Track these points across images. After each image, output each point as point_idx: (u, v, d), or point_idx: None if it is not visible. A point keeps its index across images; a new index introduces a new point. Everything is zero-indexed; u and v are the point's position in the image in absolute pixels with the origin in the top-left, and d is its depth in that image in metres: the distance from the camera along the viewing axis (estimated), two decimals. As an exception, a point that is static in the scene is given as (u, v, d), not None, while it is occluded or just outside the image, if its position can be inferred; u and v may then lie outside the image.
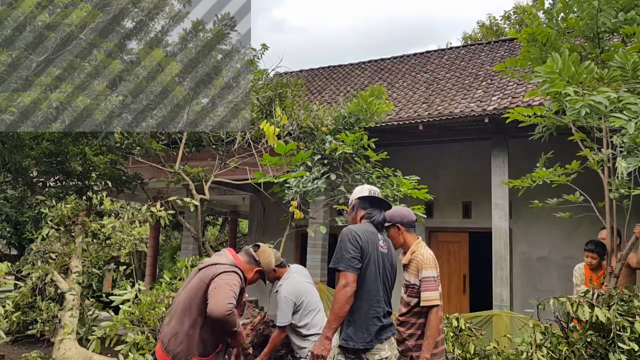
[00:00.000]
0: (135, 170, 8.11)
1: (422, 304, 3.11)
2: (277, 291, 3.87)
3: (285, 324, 3.74)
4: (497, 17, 21.54)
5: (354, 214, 3.16)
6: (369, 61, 13.20)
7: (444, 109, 7.97)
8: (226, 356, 2.98)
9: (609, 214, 4.75)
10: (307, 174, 5.71)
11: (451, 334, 4.67)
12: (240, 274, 2.74)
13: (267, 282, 3.98)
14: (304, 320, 3.78)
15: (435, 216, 9.15)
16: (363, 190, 3.15)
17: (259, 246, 2.99)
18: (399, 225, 3.27)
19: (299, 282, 3.90)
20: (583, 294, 4.06)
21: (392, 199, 5.73)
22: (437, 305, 3.09)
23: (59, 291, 6.72)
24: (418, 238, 3.34)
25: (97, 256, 7.21)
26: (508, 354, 4.54)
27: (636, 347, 3.56)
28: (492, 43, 11.97)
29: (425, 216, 5.81)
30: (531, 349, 3.99)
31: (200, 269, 2.77)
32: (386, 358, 2.85)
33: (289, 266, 4.01)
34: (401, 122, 7.64)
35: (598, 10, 4.50)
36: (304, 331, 3.77)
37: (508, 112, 5.00)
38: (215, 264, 2.72)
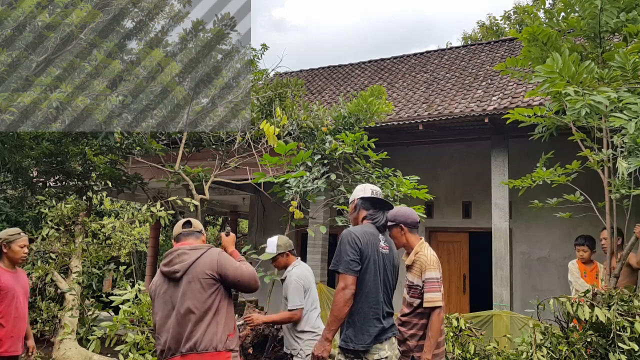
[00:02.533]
0: (135, 170, 8.11)
1: (425, 305, 3.10)
2: (284, 277, 3.84)
3: (297, 308, 3.68)
4: (497, 17, 21.55)
5: (355, 214, 3.15)
6: (369, 61, 13.19)
7: (444, 109, 7.97)
8: None
9: (609, 214, 4.75)
10: (307, 174, 5.70)
11: (451, 334, 4.67)
12: (214, 248, 2.85)
13: (279, 270, 3.97)
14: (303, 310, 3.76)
15: (435, 216, 9.15)
16: (365, 190, 3.13)
17: (189, 223, 2.97)
18: (402, 225, 3.24)
19: (308, 271, 3.92)
20: (583, 294, 4.07)
21: (392, 199, 5.72)
22: (439, 307, 3.08)
23: (59, 291, 6.72)
24: (421, 239, 3.32)
25: (97, 256, 7.21)
26: (508, 354, 4.53)
27: (636, 347, 3.56)
28: (492, 43, 11.97)
29: (425, 216, 5.81)
30: (531, 349, 3.98)
31: (178, 277, 2.69)
32: (386, 358, 2.85)
33: (297, 258, 4.02)
34: (401, 122, 7.64)
35: (600, 9, 4.50)
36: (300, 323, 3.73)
37: (508, 112, 5.00)
38: (193, 262, 2.70)
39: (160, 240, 15.51)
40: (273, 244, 3.94)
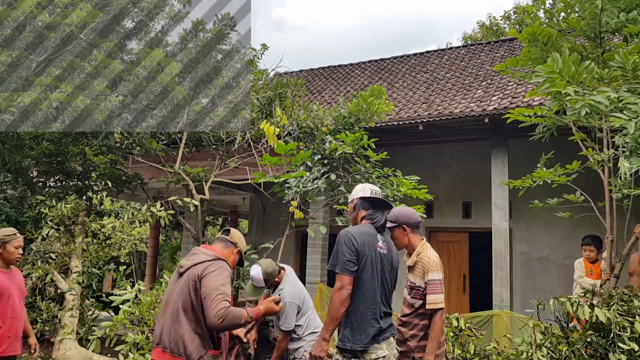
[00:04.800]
0: (135, 170, 8.10)
1: (427, 306, 3.08)
2: (278, 295, 3.82)
3: (291, 329, 3.73)
4: (497, 17, 21.57)
5: (354, 214, 3.14)
6: (369, 61, 13.20)
7: (444, 109, 7.97)
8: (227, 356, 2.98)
9: (609, 214, 4.75)
10: (307, 174, 5.70)
11: (451, 334, 4.67)
12: (224, 263, 2.74)
13: (268, 289, 3.94)
14: (300, 321, 3.78)
15: (435, 216, 9.15)
16: (365, 190, 3.13)
17: (228, 231, 2.95)
18: (405, 225, 3.23)
19: (298, 283, 3.90)
20: (583, 294, 4.07)
21: (392, 199, 5.72)
22: (442, 308, 3.07)
23: (59, 291, 6.72)
24: (423, 239, 3.31)
25: (97, 256, 7.21)
26: (508, 354, 4.53)
27: (636, 347, 3.56)
28: (492, 43, 11.97)
29: (425, 216, 5.80)
30: (531, 349, 3.98)
31: (181, 273, 2.73)
32: (383, 357, 2.85)
33: (283, 269, 3.95)
34: (401, 122, 7.64)
35: (600, 10, 4.49)
36: (299, 331, 3.76)
37: (508, 112, 5.00)
38: (197, 263, 2.69)
39: (160, 240, 15.52)
40: (259, 279, 3.71)
